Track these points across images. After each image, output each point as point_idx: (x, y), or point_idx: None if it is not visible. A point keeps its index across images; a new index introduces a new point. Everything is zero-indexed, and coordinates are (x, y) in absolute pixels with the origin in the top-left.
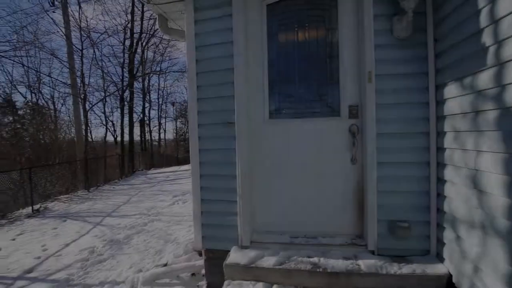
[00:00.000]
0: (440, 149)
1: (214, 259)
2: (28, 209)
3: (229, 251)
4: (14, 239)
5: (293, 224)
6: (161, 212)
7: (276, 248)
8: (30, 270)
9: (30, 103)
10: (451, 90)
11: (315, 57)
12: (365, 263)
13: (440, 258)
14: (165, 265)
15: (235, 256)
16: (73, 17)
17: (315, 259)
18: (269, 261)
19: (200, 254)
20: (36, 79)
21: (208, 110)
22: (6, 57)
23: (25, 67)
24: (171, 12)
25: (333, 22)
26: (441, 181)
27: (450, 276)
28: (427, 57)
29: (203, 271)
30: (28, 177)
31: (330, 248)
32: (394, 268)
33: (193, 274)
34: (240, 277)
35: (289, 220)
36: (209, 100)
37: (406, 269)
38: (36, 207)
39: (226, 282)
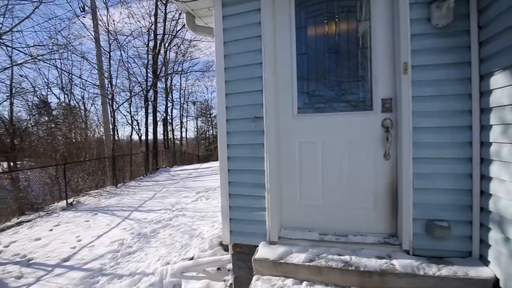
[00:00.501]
0: (485, 144)
1: (242, 254)
2: (63, 203)
3: (257, 246)
4: (51, 230)
5: (322, 221)
6: (185, 208)
7: (305, 244)
8: (67, 259)
9: (63, 104)
10: (499, 79)
11: (345, 49)
12: (400, 263)
13: (484, 261)
14: (192, 258)
15: (264, 252)
16: (101, 21)
17: (346, 257)
18: (298, 258)
19: (226, 249)
20: (68, 81)
21: (237, 105)
22: (43, 60)
23: (58, 70)
24: (199, 9)
25: (364, 12)
26: (485, 178)
27: (496, 280)
28: (470, 45)
29: (228, 266)
30: (62, 173)
31: (361, 246)
32: (433, 269)
33: (218, 269)
34: (269, 273)
35: (318, 217)
36: (238, 95)
37: (446, 270)
38: (70, 200)
39: (255, 277)
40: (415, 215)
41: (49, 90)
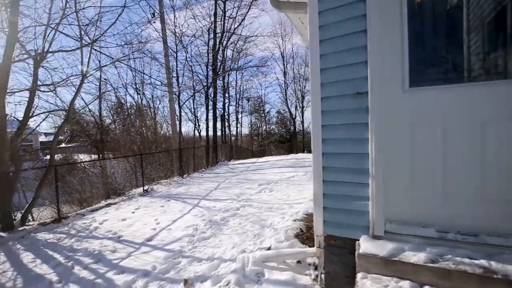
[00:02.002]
0: None
1: (336, 247)
2: (140, 190)
3: (357, 240)
4: (133, 212)
5: (441, 215)
6: (250, 199)
7: (419, 242)
8: (150, 239)
9: (136, 103)
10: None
11: None
12: None
13: None
14: (269, 248)
15: (369, 247)
16: (168, 24)
17: (482, 262)
18: (417, 257)
19: (302, 242)
20: (140, 81)
21: (333, 81)
22: (122, 62)
23: (133, 71)
24: None
25: None
26: None
27: None
28: None
29: (309, 260)
30: (139, 163)
31: (501, 250)
32: None
33: (298, 262)
34: (378, 271)
35: (435, 210)
36: (335, 69)
37: None
38: (146, 188)
39: (360, 275)
40: None
41: (126, 90)
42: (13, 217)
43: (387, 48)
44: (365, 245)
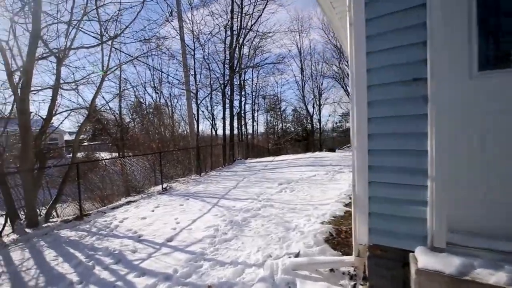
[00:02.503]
0: None
1: (384, 259)
2: (158, 187)
3: (411, 252)
4: (153, 211)
5: None
6: (271, 199)
7: (492, 257)
8: (170, 239)
9: (154, 102)
10: None
11: None
12: None
13: None
14: (298, 254)
15: (430, 261)
16: (186, 23)
17: None
18: (496, 277)
19: (334, 248)
20: (158, 80)
21: (383, 65)
22: (141, 61)
23: (151, 69)
24: None
25: None
26: None
27: None
28: None
29: (343, 269)
30: (158, 161)
31: None
32: None
33: (331, 270)
34: None
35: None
36: (385, 52)
37: None
38: (164, 186)
39: None
40: None
41: (144, 89)
42: (38, 213)
43: (451, 24)
44: (424, 259)
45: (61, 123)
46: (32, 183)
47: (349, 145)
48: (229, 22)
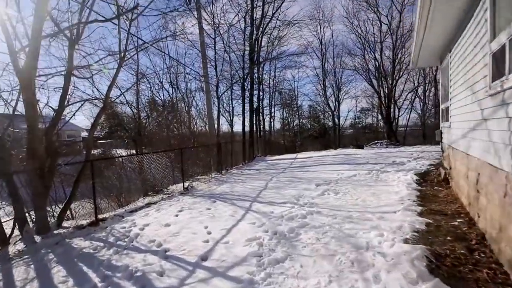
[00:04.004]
0: None
1: None
2: (178, 186)
3: None
4: (177, 215)
5: None
6: (315, 203)
7: None
8: (204, 258)
9: (171, 97)
10: None
11: None
12: None
13: None
14: None
15: None
16: (205, 11)
17: None
18: None
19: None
20: (174, 75)
21: None
22: (160, 50)
23: (167, 63)
24: None
25: None
26: None
27: None
28: None
29: None
30: (178, 158)
31: None
32: None
33: None
34: None
35: None
36: None
37: None
38: (185, 185)
39: None
40: None
41: (161, 83)
42: (52, 215)
43: None
44: None
45: (74, 114)
46: (41, 184)
47: (376, 141)
48: (249, 12)
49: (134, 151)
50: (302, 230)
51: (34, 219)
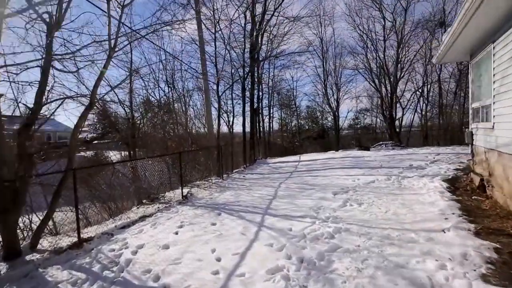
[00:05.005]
0: None
1: None
2: (175, 192)
3: None
4: (176, 233)
5: None
6: (338, 217)
7: None
8: None
9: (167, 97)
10: None
11: None
12: None
13: None
14: None
15: None
16: (205, 6)
17: None
18: None
19: None
20: (170, 74)
21: None
22: (156, 44)
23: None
24: None
25: None
26: None
27: None
28: None
29: None
30: (176, 162)
31: None
32: None
33: None
34: None
35: None
36: None
37: None
38: (184, 193)
39: None
40: None
41: (156, 83)
42: (24, 233)
43: None
44: None
45: (53, 113)
46: (10, 198)
47: (380, 142)
48: (250, 6)
49: (128, 153)
50: (334, 256)
51: (1, 243)
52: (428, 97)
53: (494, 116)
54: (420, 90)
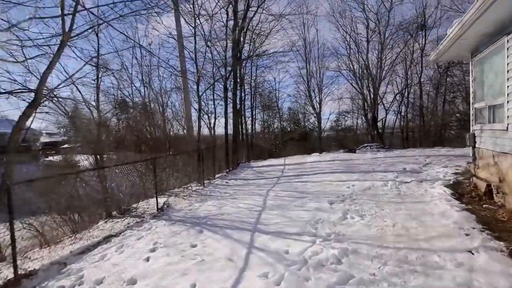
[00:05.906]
0: None
1: None
2: (150, 203)
3: None
4: (147, 260)
5: None
6: (340, 233)
7: None
8: None
9: (143, 97)
10: None
11: None
12: None
13: None
14: None
15: None
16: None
17: None
18: None
19: None
20: (147, 74)
21: None
22: (124, 33)
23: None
24: None
25: None
26: None
27: None
28: None
29: None
30: (150, 169)
31: None
32: None
33: None
34: None
35: None
36: None
37: None
38: (160, 204)
39: None
40: None
41: (131, 82)
42: None
43: None
44: None
45: None
46: None
47: (365, 144)
48: (232, 2)
49: (94, 159)
50: None
51: None
52: (409, 99)
53: (508, 117)
54: (404, 92)
